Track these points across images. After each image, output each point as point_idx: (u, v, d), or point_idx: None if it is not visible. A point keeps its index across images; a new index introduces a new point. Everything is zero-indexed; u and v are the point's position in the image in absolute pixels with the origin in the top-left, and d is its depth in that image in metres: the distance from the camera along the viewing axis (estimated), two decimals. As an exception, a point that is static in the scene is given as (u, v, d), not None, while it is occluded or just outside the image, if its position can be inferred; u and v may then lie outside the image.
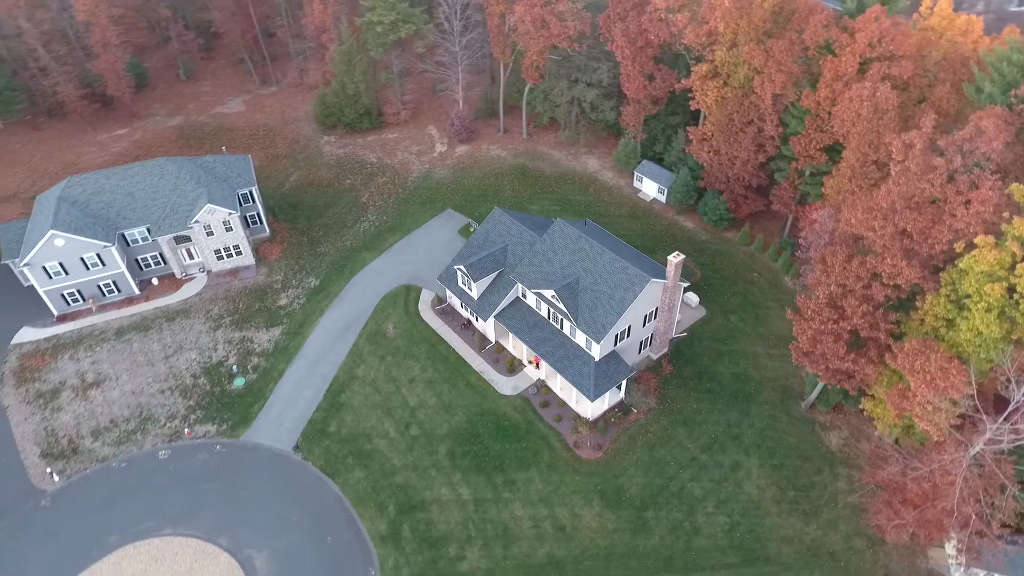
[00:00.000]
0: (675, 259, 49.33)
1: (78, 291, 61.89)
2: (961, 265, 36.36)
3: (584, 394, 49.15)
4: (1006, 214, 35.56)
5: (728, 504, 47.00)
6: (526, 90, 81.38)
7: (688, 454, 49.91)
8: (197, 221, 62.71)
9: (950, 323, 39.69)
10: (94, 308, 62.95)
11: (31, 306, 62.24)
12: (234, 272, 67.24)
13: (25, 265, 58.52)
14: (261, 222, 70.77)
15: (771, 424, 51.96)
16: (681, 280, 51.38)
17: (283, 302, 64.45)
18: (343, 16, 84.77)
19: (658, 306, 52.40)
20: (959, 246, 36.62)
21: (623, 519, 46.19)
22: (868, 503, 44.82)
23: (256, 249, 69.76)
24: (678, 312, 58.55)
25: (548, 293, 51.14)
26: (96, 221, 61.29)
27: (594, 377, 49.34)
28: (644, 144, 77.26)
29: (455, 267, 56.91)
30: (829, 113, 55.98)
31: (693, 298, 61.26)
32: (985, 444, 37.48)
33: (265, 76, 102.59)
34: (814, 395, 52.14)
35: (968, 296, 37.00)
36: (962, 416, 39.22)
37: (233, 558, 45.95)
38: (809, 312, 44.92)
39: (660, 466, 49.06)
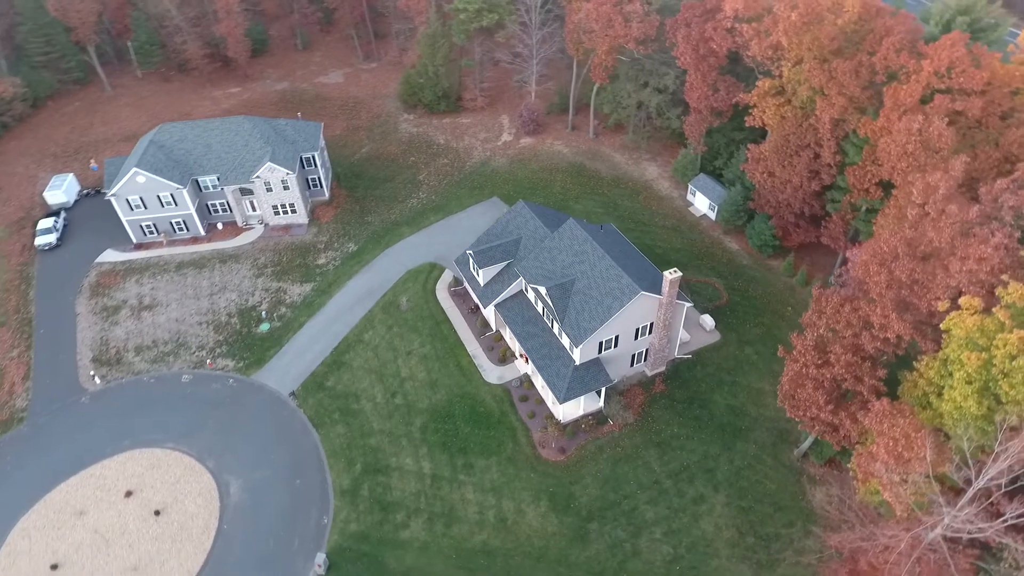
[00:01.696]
0: (671, 275, 47.68)
1: (153, 225, 70.20)
2: (943, 326, 32.49)
3: (555, 395, 49.05)
4: (1005, 276, 31.24)
5: (678, 535, 45.16)
6: (594, 89, 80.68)
7: (652, 476, 48.35)
8: (259, 176, 68.81)
9: (940, 391, 35.61)
10: (164, 242, 71.15)
11: (118, 232, 71.39)
12: (287, 228, 73.05)
13: (112, 195, 67.37)
14: (321, 186, 76.06)
15: (752, 465, 48.98)
16: (708, 302, 49.50)
17: (321, 261, 69.22)
18: (434, 1, 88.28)
19: (653, 321, 50.89)
20: (942, 304, 32.69)
21: (565, 525, 45.85)
22: (823, 567, 41.34)
23: (313, 210, 75.24)
24: (682, 332, 56.51)
25: (542, 289, 51.32)
26: (175, 165, 69.05)
27: (569, 380, 49.06)
28: (705, 157, 74.18)
29: (467, 252, 58.40)
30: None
31: (709, 321, 58.61)
32: (944, 530, 33.41)
33: (368, 52, 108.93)
34: (807, 444, 48.49)
35: (950, 362, 33.04)
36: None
37: (213, 480, 50.85)
38: (796, 351, 41.96)
39: (618, 482, 47.97)
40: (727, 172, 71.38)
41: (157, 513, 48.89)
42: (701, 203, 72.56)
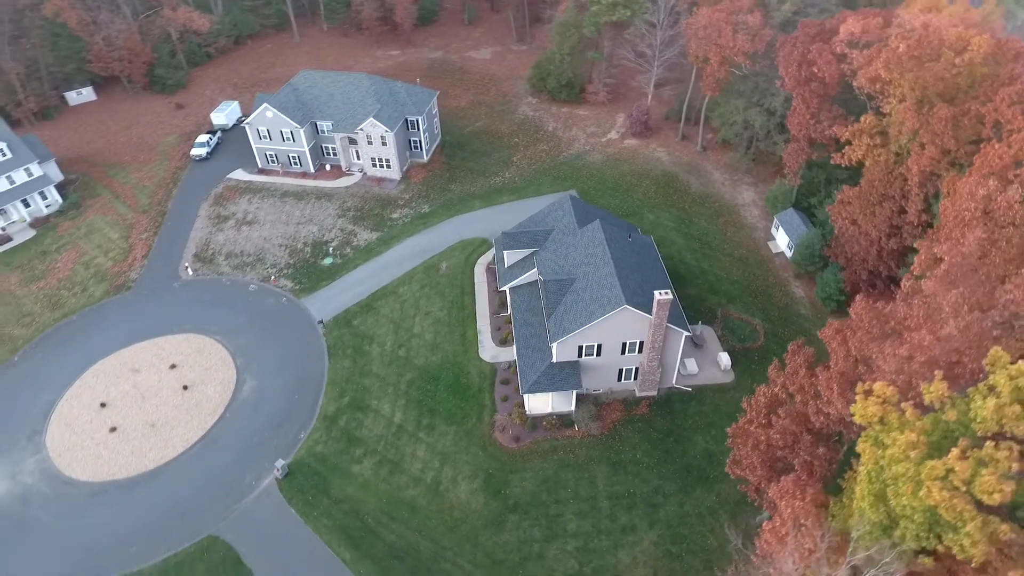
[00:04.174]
0: (661, 296, 45.51)
1: (275, 155, 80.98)
2: (852, 409, 28.08)
3: (522, 383, 49.57)
4: (938, 372, 26.13)
5: (590, 554, 43.82)
6: (706, 101, 76.64)
7: (592, 491, 47.10)
8: (362, 129, 76.13)
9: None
10: (281, 171, 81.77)
11: (249, 156, 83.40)
12: (380, 180, 80.00)
13: (247, 123, 78.93)
14: (421, 148, 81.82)
15: (703, 516, 45.55)
16: (737, 341, 47.11)
17: (395, 215, 75.09)
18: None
19: (643, 340, 48.92)
20: (861, 387, 28.09)
21: (488, 508, 46.66)
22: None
23: (408, 169, 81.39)
24: (690, 362, 53.62)
25: (541, 280, 51.68)
26: (300, 107, 78.76)
27: (539, 374, 49.23)
28: (801, 191, 67.58)
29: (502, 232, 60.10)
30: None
31: (725, 360, 54.52)
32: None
33: (522, 35, 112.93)
34: (767, 515, 43.89)
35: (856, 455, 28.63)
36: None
37: (235, 375, 58.84)
38: (750, 403, 38.45)
39: (556, 485, 47.46)
40: (820, 212, 64.53)
41: (185, 388, 58.10)
42: (781, 239, 66.54)
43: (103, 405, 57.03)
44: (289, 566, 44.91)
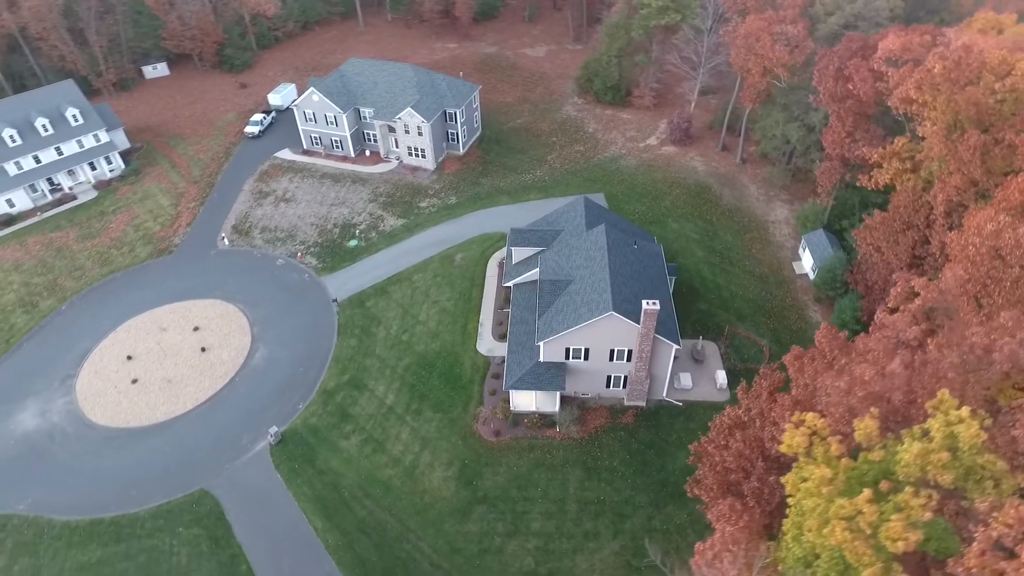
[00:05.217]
0: (648, 306, 44.90)
1: (319, 137, 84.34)
2: (783, 437, 27.06)
3: (507, 379, 50.06)
4: (875, 410, 24.80)
5: (549, 555, 43.93)
6: (747, 112, 74.30)
7: (561, 494, 47.12)
8: (400, 118, 78.22)
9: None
10: (323, 153, 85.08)
11: (297, 137, 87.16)
12: (414, 169, 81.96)
13: (295, 105, 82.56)
14: (458, 141, 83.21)
15: (670, 533, 44.76)
16: (740, 361, 46.65)
17: (423, 204, 76.83)
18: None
19: (631, 349, 48.38)
20: (797, 416, 26.96)
21: (457, 497, 47.49)
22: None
23: (443, 160, 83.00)
24: (685, 377, 52.62)
25: (539, 279, 51.93)
26: (345, 93, 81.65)
27: (524, 371, 49.58)
28: (833, 212, 64.65)
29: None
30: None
31: (722, 378, 53.16)
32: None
33: (579, 34, 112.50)
34: (736, 538, 42.66)
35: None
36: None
37: (250, 342, 61.96)
38: (713, 423, 37.58)
39: (527, 484, 47.73)
40: (850, 235, 61.51)
41: (203, 349, 61.78)
42: (807, 261, 63.96)
43: (129, 358, 61.43)
44: (266, 526, 47.28)
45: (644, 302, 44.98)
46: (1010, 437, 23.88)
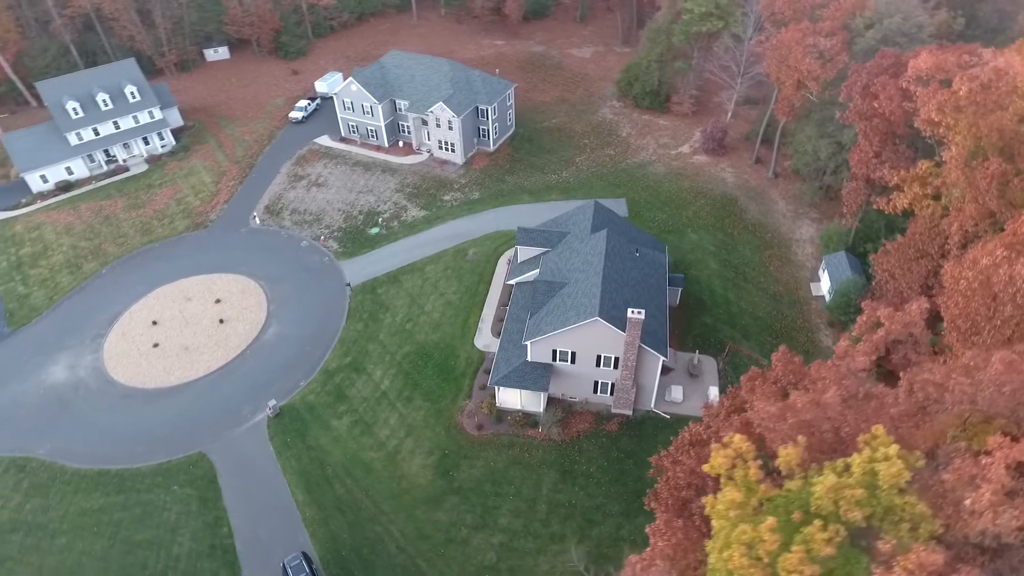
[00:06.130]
0: (633, 315, 44.56)
1: (356, 126, 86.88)
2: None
3: (494, 375, 50.65)
4: (801, 438, 24.07)
5: (512, 552, 44.26)
6: (780, 126, 72.05)
7: (534, 494, 47.37)
8: (432, 112, 79.74)
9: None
10: (359, 142, 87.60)
11: (336, 125, 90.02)
12: (443, 163, 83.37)
13: (334, 94, 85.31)
14: (488, 137, 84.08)
15: (636, 544, 44.08)
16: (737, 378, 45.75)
17: (446, 198, 78.14)
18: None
19: (618, 356, 48.10)
20: (729, 437, 26.35)
21: (433, 486, 48.45)
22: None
23: (472, 156, 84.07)
24: (677, 390, 51.97)
25: (536, 279, 52.25)
26: (383, 85, 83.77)
27: (510, 369, 50.04)
28: (859, 235, 62.10)
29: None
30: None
31: (714, 394, 52.13)
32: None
33: (627, 37, 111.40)
34: (701, 557, 41.98)
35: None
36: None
37: (264, 318, 64.78)
38: (676, 439, 37.15)
39: (502, 480, 48.22)
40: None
41: (221, 321, 64.99)
42: (825, 283, 61.72)
43: (155, 323, 65.26)
44: (252, 493, 49.58)
45: (629, 311, 44.67)
46: (939, 480, 22.78)
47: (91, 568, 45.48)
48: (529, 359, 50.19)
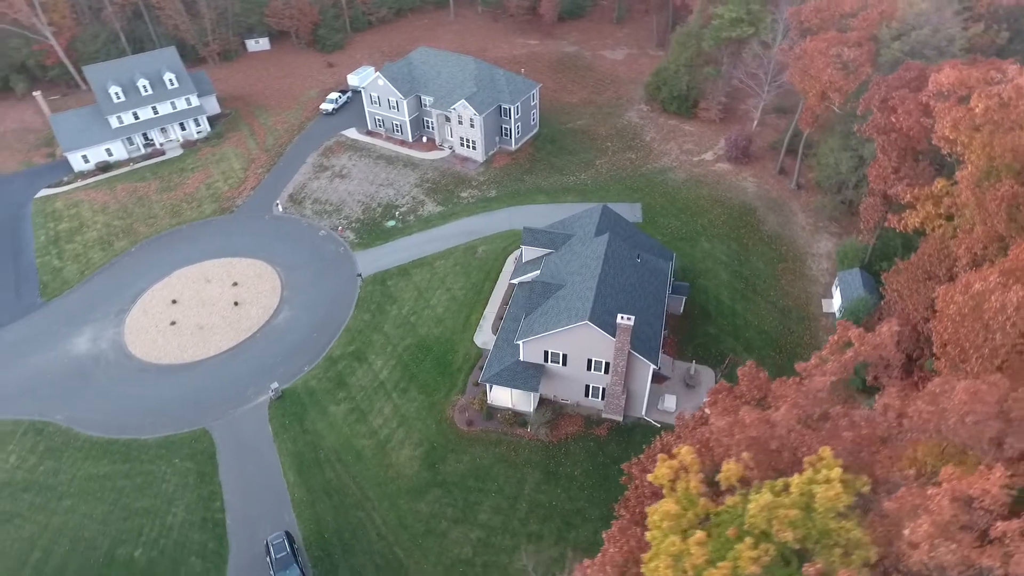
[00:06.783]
0: (622, 321, 44.41)
1: (381, 120, 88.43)
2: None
3: (486, 372, 51.13)
4: (746, 454, 23.71)
5: (488, 548, 44.68)
6: (803, 136, 70.31)
7: (516, 492, 47.69)
8: (454, 109, 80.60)
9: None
10: (384, 136, 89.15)
11: (363, 118, 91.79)
12: (464, 160, 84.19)
13: (362, 88, 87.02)
14: (510, 136, 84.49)
15: (613, 549, 44.23)
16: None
17: (463, 195, 78.93)
18: (708, 3, 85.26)
19: (608, 361, 47.99)
20: (678, 449, 26.13)
21: (418, 476, 49.26)
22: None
23: (493, 154, 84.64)
24: (670, 398, 51.55)
25: (529, 279, 52.50)
26: (409, 80, 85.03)
27: (502, 367, 50.44)
28: (876, 252, 60.23)
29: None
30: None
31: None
32: None
33: (662, 40, 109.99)
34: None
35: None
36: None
37: (278, 303, 66.79)
38: (648, 449, 36.95)
39: (486, 477, 48.67)
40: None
41: (236, 304, 67.24)
42: (836, 300, 60.12)
43: (174, 302, 67.94)
44: (246, 471, 51.29)
45: (619, 316, 44.53)
46: (880, 507, 22.17)
47: (91, 530, 47.86)
48: (521, 359, 50.50)
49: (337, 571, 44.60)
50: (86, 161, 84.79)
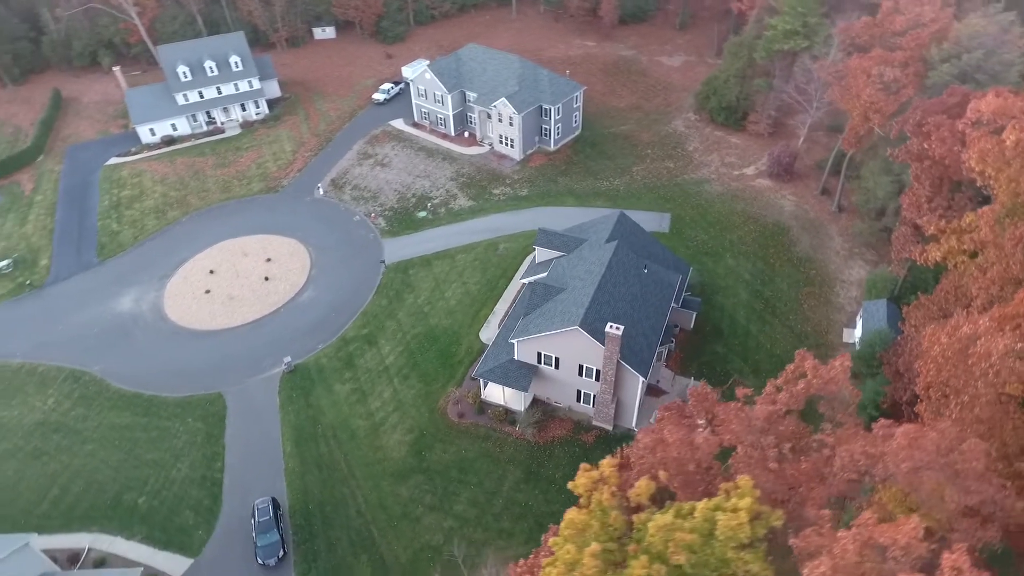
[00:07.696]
0: (611, 330, 44.23)
1: (427, 113, 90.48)
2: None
3: (480, 367, 51.98)
4: (663, 473, 23.48)
5: (454, 538, 45.70)
6: (847, 158, 67.26)
7: (496, 487, 48.36)
8: (495, 106, 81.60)
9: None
10: (428, 128, 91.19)
11: (411, 110, 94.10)
12: (501, 157, 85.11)
13: (410, 81, 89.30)
14: (550, 137, 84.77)
15: (581, 556, 44.29)
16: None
17: (495, 191, 79.90)
18: (764, 13, 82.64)
19: (598, 368, 47.89)
20: (607, 460, 26.01)
21: (404, 463, 50.68)
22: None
23: (531, 153, 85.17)
24: (645, 407, 50.82)
25: (531, 280, 52.90)
26: (455, 76, 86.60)
27: (495, 364, 51.16)
28: (905, 283, 57.20)
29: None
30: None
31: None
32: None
33: (721, 49, 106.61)
34: None
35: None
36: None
37: (304, 282, 69.87)
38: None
39: (468, 469, 49.56)
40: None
41: (266, 279, 70.77)
42: (859, 330, 57.50)
43: (211, 272, 72.18)
44: (249, 438, 54.24)
45: (609, 325, 44.38)
46: (785, 543, 21.51)
47: (104, 475, 51.91)
48: (516, 357, 51.05)
49: (314, 540, 46.69)
50: (153, 134, 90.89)
